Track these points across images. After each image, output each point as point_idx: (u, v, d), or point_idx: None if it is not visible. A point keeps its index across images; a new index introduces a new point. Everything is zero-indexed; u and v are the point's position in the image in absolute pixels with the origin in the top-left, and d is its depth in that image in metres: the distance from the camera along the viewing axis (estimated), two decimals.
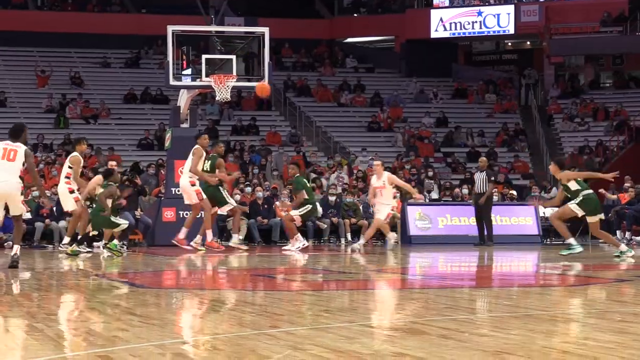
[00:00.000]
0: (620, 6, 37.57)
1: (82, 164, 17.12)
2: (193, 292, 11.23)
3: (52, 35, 38.14)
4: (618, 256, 14.93)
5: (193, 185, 17.53)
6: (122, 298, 9.63)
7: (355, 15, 42.97)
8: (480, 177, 21.46)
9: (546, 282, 14.38)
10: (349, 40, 42.21)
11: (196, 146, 17.40)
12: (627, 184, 26.90)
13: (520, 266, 20.01)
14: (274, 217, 24.43)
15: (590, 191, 15.17)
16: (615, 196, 26.91)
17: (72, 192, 16.09)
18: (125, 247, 17.49)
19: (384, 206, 17.56)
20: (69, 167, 16.16)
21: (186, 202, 17.44)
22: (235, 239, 18.86)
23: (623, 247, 15.00)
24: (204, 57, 23.57)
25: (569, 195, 15.33)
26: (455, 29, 38.86)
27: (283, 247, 19.31)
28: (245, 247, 18.96)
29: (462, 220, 25.59)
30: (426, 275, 15.27)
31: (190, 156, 17.72)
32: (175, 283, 12.78)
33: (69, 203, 16.56)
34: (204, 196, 16.99)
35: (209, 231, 17.43)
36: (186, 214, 19.78)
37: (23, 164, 11.81)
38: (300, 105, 36.35)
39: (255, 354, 4.81)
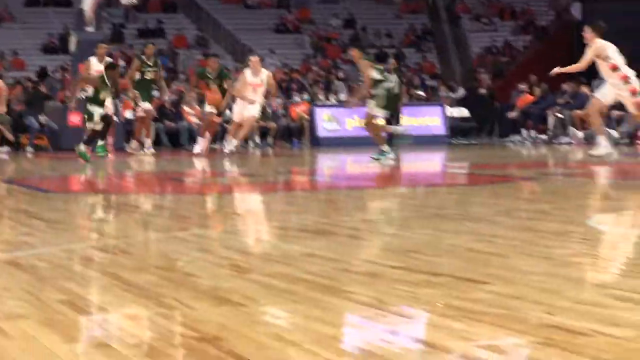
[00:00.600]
0: None
1: None
2: (101, 196, 11.19)
3: None
4: (377, 159, 14.83)
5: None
6: (28, 203, 9.45)
7: None
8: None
9: (453, 181, 14.95)
10: None
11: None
12: (522, 86, 27.81)
13: (428, 166, 20.43)
14: (181, 121, 24.64)
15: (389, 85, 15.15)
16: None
17: None
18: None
19: (256, 105, 17.01)
20: None
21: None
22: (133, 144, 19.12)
23: (385, 147, 14.71)
24: None
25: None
26: None
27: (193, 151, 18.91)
28: (145, 152, 18.55)
29: None
30: (334, 177, 15.76)
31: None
32: (82, 188, 12.47)
33: None
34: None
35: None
36: None
37: None
38: (206, 7, 36.31)
39: (165, 256, 4.94)
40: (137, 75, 18.76)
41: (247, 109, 16.62)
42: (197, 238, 6.12)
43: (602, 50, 13.00)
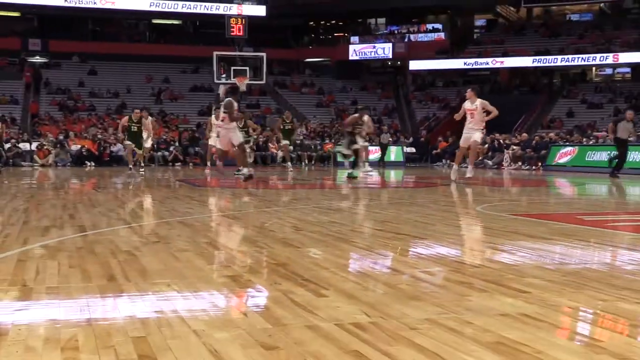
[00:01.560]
0: (444, 45, 48.22)
1: None
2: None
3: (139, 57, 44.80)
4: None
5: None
6: (190, 191, 13.63)
7: (310, 47, 53.42)
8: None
9: (408, 185, 21.27)
10: (307, 60, 51.68)
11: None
12: (440, 138, 36.23)
13: (395, 177, 25.95)
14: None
15: None
16: None
17: None
18: None
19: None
20: None
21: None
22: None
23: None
24: (232, 68, 33.39)
25: None
26: (362, 55, 49.40)
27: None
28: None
29: None
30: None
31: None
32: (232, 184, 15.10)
33: None
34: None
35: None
36: None
37: None
38: (281, 93, 45.94)
39: (259, 221, 7.76)
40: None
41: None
42: (281, 214, 8.50)
43: (485, 105, 15.27)
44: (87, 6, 43.66)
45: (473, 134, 15.35)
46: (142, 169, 20.47)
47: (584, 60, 43.59)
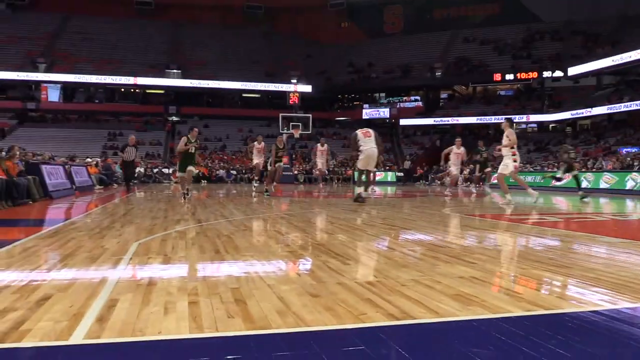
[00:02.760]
0: (421, 109, 47.70)
1: None
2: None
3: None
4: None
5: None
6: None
7: (338, 111, 51.33)
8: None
9: (398, 196, 20.80)
10: (337, 118, 49.61)
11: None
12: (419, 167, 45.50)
13: (390, 191, 24.95)
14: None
15: None
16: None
17: None
18: None
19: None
20: None
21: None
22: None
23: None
24: (291, 124, 34.96)
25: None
26: (370, 116, 47.87)
27: None
28: None
29: None
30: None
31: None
32: None
33: None
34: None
35: None
36: None
37: None
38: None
39: (310, 220, 10.43)
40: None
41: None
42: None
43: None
44: (204, 86, 44.91)
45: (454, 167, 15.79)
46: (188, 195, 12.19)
47: None
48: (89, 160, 22.89)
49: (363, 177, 11.64)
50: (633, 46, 35.27)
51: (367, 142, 10.77)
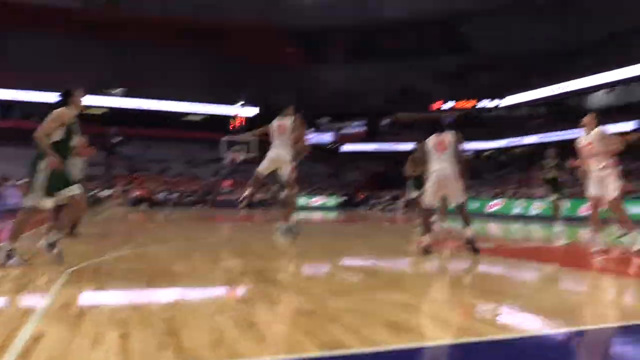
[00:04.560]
0: (364, 135, 48.54)
1: None
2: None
3: None
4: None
5: None
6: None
7: None
8: None
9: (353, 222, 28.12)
10: None
11: None
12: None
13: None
14: None
15: None
16: None
17: None
18: None
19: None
20: None
21: None
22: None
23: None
24: (234, 147, 40.58)
25: None
26: (315, 140, 43.99)
27: None
28: None
29: None
30: None
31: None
32: None
33: None
34: None
35: None
36: None
37: None
38: None
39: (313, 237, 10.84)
40: None
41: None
42: None
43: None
44: (146, 107, 44.17)
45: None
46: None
47: None
48: (19, 182, 21.81)
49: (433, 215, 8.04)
50: (565, 78, 37.22)
51: (439, 160, 6.67)
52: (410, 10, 47.84)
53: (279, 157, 7.15)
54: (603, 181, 6.93)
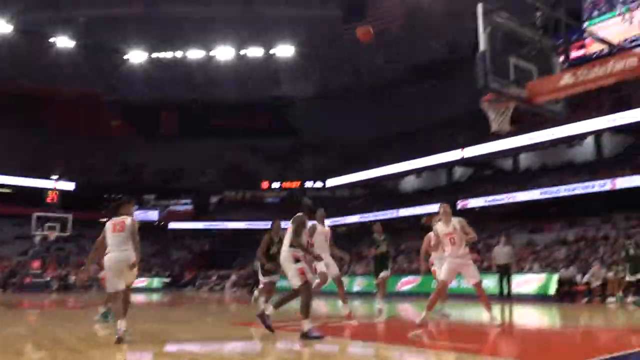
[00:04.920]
0: (192, 213, 47.16)
1: None
2: None
3: None
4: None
5: None
6: None
7: (102, 212, 47.15)
8: None
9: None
10: (102, 220, 43.56)
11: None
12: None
13: None
14: None
15: None
16: None
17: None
18: None
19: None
20: None
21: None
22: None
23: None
24: (47, 224, 34.67)
25: None
26: (140, 217, 37.26)
27: None
28: None
29: None
30: None
31: None
32: None
33: None
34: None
35: None
36: None
37: None
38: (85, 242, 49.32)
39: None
40: None
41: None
42: None
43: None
44: None
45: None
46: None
47: None
48: None
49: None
50: (380, 164, 40.46)
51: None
52: (241, 92, 49.47)
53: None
54: (462, 267, 7.44)
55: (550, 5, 5.68)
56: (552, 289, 15.98)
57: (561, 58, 5.71)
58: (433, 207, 33.94)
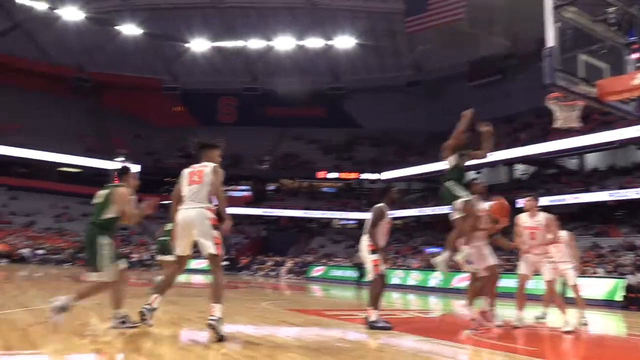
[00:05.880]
0: (250, 199, 47.51)
1: None
2: None
3: None
4: None
5: None
6: None
7: (165, 194, 53.99)
8: None
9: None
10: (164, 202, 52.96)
11: None
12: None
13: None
14: None
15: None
16: None
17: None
18: None
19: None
20: None
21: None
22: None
23: None
24: None
25: None
26: None
27: None
28: None
29: None
30: None
31: None
32: None
33: None
34: None
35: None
36: None
37: None
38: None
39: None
40: None
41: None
42: None
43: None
44: (15, 154, 41.47)
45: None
46: None
47: (330, 214, 45.27)
48: None
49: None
50: (436, 158, 39.67)
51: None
52: (299, 82, 49.72)
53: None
54: (538, 264, 7.15)
55: (625, 1, 5.45)
56: (619, 295, 15.44)
57: (634, 56, 5.47)
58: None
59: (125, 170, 5.81)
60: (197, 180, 5.18)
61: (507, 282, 10.54)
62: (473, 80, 42.47)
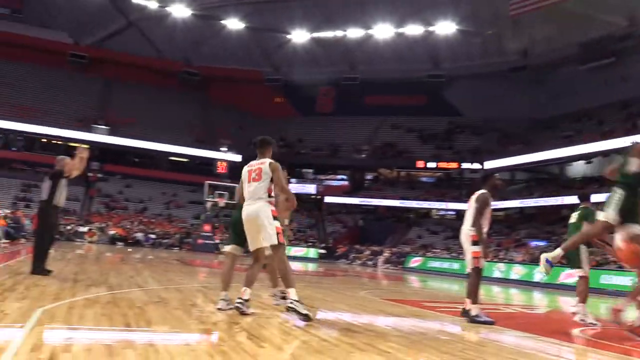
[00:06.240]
0: (347, 188, 47.79)
1: None
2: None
3: None
4: None
5: None
6: None
7: None
8: None
9: (316, 274, 24.00)
10: None
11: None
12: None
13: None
14: None
15: None
16: None
17: None
18: None
19: None
20: None
21: None
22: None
23: None
24: (217, 191, 39.11)
25: None
26: (298, 190, 41.94)
27: None
28: None
29: None
30: None
31: None
32: None
33: None
34: None
35: None
36: None
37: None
38: None
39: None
40: None
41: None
42: None
43: None
44: (131, 145, 44.36)
45: None
46: None
47: (429, 205, 44.67)
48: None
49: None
50: (541, 147, 37.90)
51: None
52: (398, 70, 49.16)
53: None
54: None
55: None
56: None
57: None
58: (601, 196, 31.81)
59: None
60: (257, 177, 5.40)
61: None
62: (585, 63, 39.87)
